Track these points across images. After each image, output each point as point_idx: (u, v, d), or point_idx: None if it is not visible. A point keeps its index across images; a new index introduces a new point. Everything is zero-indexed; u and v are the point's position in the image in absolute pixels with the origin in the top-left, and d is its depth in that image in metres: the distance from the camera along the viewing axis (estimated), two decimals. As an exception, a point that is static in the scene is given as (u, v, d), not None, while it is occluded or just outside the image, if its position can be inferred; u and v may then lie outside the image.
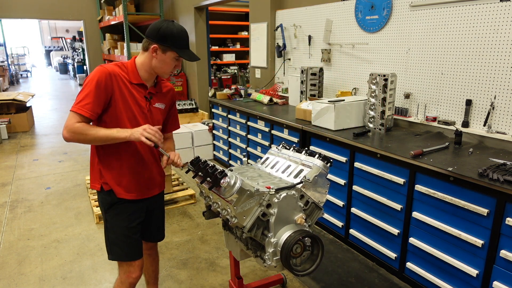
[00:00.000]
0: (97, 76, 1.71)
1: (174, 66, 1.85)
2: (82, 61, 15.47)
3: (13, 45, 21.35)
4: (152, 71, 1.85)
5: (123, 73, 1.80)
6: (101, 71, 1.73)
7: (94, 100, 1.70)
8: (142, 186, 1.94)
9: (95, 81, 1.70)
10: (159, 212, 2.16)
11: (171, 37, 1.76)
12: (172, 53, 1.79)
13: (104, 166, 1.87)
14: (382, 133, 3.04)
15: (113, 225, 1.92)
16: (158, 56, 1.79)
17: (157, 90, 1.95)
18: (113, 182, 1.86)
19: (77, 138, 1.70)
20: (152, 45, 1.78)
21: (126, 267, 1.96)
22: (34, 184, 4.74)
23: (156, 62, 1.81)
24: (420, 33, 3.01)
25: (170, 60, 1.81)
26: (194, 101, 6.54)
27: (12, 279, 2.83)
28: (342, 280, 2.76)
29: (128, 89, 1.80)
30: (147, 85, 1.88)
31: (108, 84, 1.73)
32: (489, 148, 2.54)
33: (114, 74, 1.76)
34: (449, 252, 2.32)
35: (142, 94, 1.86)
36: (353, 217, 3.05)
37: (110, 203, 1.89)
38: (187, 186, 4.37)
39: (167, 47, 1.77)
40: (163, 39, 1.76)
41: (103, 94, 1.72)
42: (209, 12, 6.85)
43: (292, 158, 2.03)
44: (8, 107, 7.59)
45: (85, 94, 1.70)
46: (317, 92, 3.94)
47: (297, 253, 1.70)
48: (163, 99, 1.98)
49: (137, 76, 1.83)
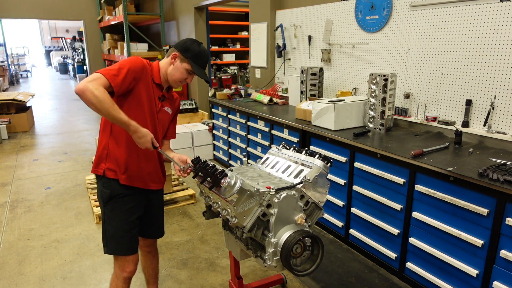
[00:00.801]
0: (132, 62, 1.82)
1: (185, 79, 1.98)
2: (82, 61, 15.47)
3: (13, 45, 21.35)
4: (167, 77, 1.98)
5: (149, 70, 1.93)
6: (137, 60, 1.85)
7: (123, 79, 1.76)
8: (146, 177, 1.99)
9: (130, 64, 1.80)
10: (158, 208, 2.19)
11: (193, 52, 1.94)
12: (187, 64, 1.94)
13: (115, 150, 1.90)
14: (382, 133, 3.04)
15: (111, 218, 1.93)
16: (175, 63, 1.95)
17: (169, 96, 2.08)
18: (120, 168, 1.89)
19: (91, 98, 1.62)
20: (174, 52, 1.95)
21: (121, 262, 1.98)
22: (34, 184, 4.74)
23: (172, 69, 1.96)
24: (420, 33, 3.01)
25: (184, 71, 1.95)
26: (194, 101, 6.54)
27: (12, 279, 2.83)
28: (342, 280, 2.76)
29: (151, 85, 1.92)
30: (163, 86, 2.01)
31: (138, 72, 1.83)
32: (489, 148, 2.55)
33: (146, 67, 1.88)
34: (449, 252, 2.32)
35: (157, 94, 1.98)
36: (353, 217, 3.05)
37: (109, 195, 1.91)
38: (187, 186, 4.37)
39: (186, 58, 1.93)
40: (185, 51, 1.94)
41: (130, 79, 1.79)
42: (209, 12, 6.86)
43: (292, 158, 2.03)
44: (8, 107, 7.59)
45: (118, 69, 1.76)
46: (317, 92, 3.94)
47: (297, 253, 1.70)
48: (172, 105, 2.11)
49: (158, 77, 1.97)
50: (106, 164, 1.90)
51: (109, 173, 1.90)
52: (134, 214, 1.97)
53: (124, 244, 1.96)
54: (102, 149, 1.92)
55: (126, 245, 1.96)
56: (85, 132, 7.33)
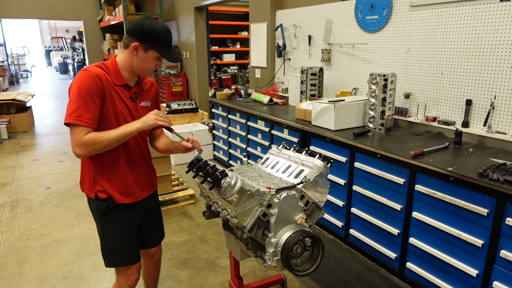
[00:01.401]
0: (86, 82, 1.61)
1: (155, 66, 1.77)
2: (82, 61, 15.45)
3: (13, 45, 21.35)
4: (132, 70, 1.76)
5: (105, 75, 1.69)
6: (87, 75, 1.62)
7: (89, 109, 1.60)
8: (137, 188, 1.90)
9: (85, 88, 1.60)
10: (156, 212, 2.11)
11: (154, 36, 1.67)
12: (154, 52, 1.70)
13: (100, 174, 1.79)
14: (382, 133, 3.04)
15: (110, 232, 1.86)
16: (139, 54, 1.70)
17: (141, 89, 1.86)
18: (112, 189, 1.80)
19: (92, 149, 1.61)
20: (133, 43, 1.68)
21: (124, 272, 1.91)
22: (34, 184, 4.74)
23: (137, 61, 1.72)
24: (420, 33, 3.01)
25: (151, 60, 1.73)
26: (194, 101, 6.54)
27: (12, 279, 2.83)
28: (342, 280, 2.76)
29: (115, 91, 1.72)
30: (130, 85, 1.80)
31: (98, 87, 1.63)
32: (489, 148, 2.55)
33: (98, 77, 1.64)
34: (449, 252, 2.32)
35: (127, 95, 1.78)
36: (353, 217, 3.05)
37: (106, 209, 1.83)
38: (187, 186, 4.37)
39: (149, 46, 1.68)
40: (145, 37, 1.67)
41: (96, 100, 1.63)
42: (209, 12, 6.85)
43: (293, 158, 2.03)
44: (8, 107, 7.59)
45: (78, 104, 1.59)
46: (317, 92, 3.94)
47: (298, 253, 1.70)
48: (148, 97, 1.90)
49: (120, 77, 1.74)
50: (96, 187, 1.80)
51: (102, 195, 1.81)
52: (133, 223, 1.90)
53: (126, 255, 1.89)
54: (88, 174, 1.81)
55: (129, 255, 1.90)
56: (85, 132, 7.32)
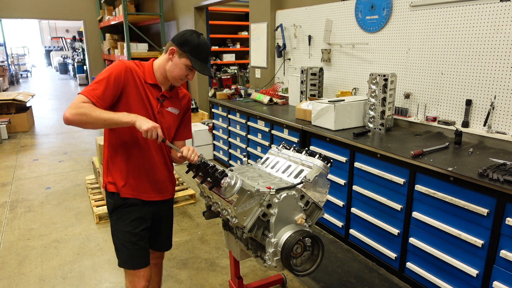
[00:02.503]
0: (113, 68, 1.72)
1: (186, 75, 1.83)
2: (82, 61, 15.47)
3: (13, 45, 21.35)
4: (166, 75, 1.84)
5: (139, 71, 1.80)
6: (119, 64, 1.75)
7: (104, 90, 1.68)
8: (150, 188, 1.89)
9: (109, 72, 1.71)
10: (168, 219, 2.09)
11: (192, 45, 1.78)
12: (186, 60, 1.79)
13: (112, 163, 1.84)
14: (382, 133, 3.04)
15: (116, 230, 1.86)
16: (173, 59, 1.80)
17: (172, 95, 1.92)
18: (119, 181, 1.82)
19: (79, 118, 1.60)
20: (171, 47, 1.80)
21: (130, 277, 1.87)
22: (34, 184, 4.74)
23: (170, 65, 1.81)
24: (420, 33, 3.01)
25: (183, 67, 1.80)
26: (194, 101, 6.54)
27: (12, 279, 2.83)
28: (342, 280, 2.76)
29: (143, 87, 1.80)
30: (161, 87, 1.87)
31: (121, 77, 1.72)
32: (489, 148, 2.55)
33: (130, 69, 1.76)
34: (449, 252, 2.32)
35: (154, 95, 1.84)
36: (353, 217, 3.05)
37: (113, 206, 1.85)
38: (187, 186, 4.37)
39: (184, 52, 1.78)
40: (183, 44, 1.78)
41: (113, 87, 1.70)
42: (209, 12, 6.85)
43: (292, 158, 2.03)
44: (8, 107, 7.59)
45: (97, 82, 1.69)
46: (317, 92, 3.94)
47: (298, 253, 1.70)
48: (177, 104, 1.95)
49: (152, 76, 1.83)
50: (108, 178, 1.86)
51: (110, 187, 1.85)
52: (140, 225, 1.87)
53: (132, 256, 1.85)
54: (104, 162, 1.88)
55: (134, 258, 1.86)
56: (85, 132, 7.33)
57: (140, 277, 1.87)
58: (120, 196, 1.83)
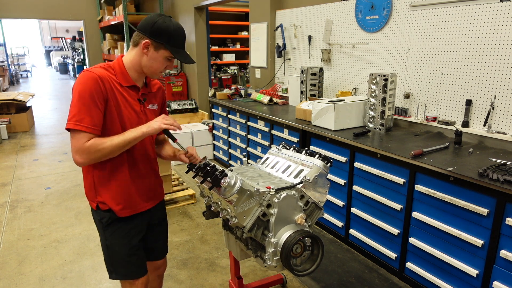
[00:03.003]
0: (86, 84, 1.51)
1: (165, 67, 1.68)
2: (82, 61, 15.47)
3: (13, 45, 21.34)
4: (141, 70, 1.67)
5: (111, 76, 1.60)
6: (90, 77, 1.53)
7: (91, 113, 1.51)
8: (140, 199, 1.80)
9: (85, 90, 1.50)
10: (162, 224, 2.02)
11: (167, 34, 1.58)
12: (165, 51, 1.61)
13: (101, 183, 1.69)
14: (382, 133, 3.04)
15: (113, 244, 1.77)
16: (149, 53, 1.61)
17: (149, 90, 1.77)
18: (112, 202, 1.71)
19: (94, 157, 1.52)
20: (144, 40, 1.59)
21: (128, 286, 1.83)
22: (34, 184, 4.74)
23: (146, 60, 1.63)
24: (420, 33, 3.01)
25: (162, 59, 1.63)
26: (194, 101, 6.54)
27: (12, 279, 2.83)
28: (342, 280, 2.76)
29: (120, 93, 1.62)
30: (138, 86, 1.70)
31: (99, 90, 1.53)
32: (489, 148, 2.54)
33: (103, 78, 1.55)
34: (449, 252, 2.32)
35: (135, 97, 1.68)
36: (353, 217, 3.05)
37: (108, 220, 1.74)
38: (187, 186, 4.37)
39: (161, 44, 1.59)
40: (157, 35, 1.57)
41: (98, 104, 1.52)
42: (209, 12, 6.85)
43: (292, 158, 2.03)
44: (8, 107, 7.59)
45: (79, 108, 1.50)
46: (317, 92, 3.94)
47: (297, 253, 1.70)
48: (155, 99, 1.82)
49: (127, 77, 1.65)
50: (97, 198, 1.71)
51: (103, 207, 1.72)
52: (137, 235, 1.81)
53: (132, 267, 1.80)
54: (89, 182, 1.72)
55: (135, 268, 1.81)
56: (85, 132, 7.32)
57: (139, 285, 1.84)
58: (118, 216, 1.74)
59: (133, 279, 1.82)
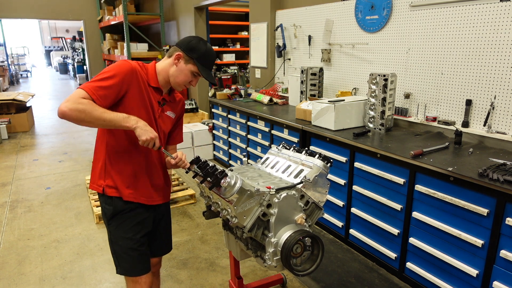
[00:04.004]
0: (119, 68, 1.66)
1: (190, 82, 1.83)
2: (82, 61, 15.47)
3: (13, 45, 21.35)
4: (168, 79, 1.82)
5: (143, 73, 1.77)
6: (124, 64, 1.70)
7: (108, 89, 1.62)
8: (150, 191, 1.86)
9: (115, 71, 1.65)
10: (166, 222, 2.07)
11: (198, 52, 1.77)
12: (193, 66, 1.78)
13: (113, 165, 1.77)
14: (382, 133, 3.04)
15: (116, 237, 1.81)
16: (179, 64, 1.79)
17: (171, 99, 1.92)
18: (122, 184, 1.77)
19: (77, 115, 1.52)
20: (177, 52, 1.78)
21: (132, 284, 1.85)
22: (34, 184, 4.74)
23: (174, 71, 1.79)
24: (420, 33, 3.01)
25: (189, 73, 1.80)
26: (194, 101, 6.54)
27: (12, 279, 2.83)
28: (342, 280, 2.76)
29: (146, 89, 1.76)
30: (163, 90, 1.85)
31: (126, 78, 1.67)
32: (489, 148, 2.55)
33: (136, 71, 1.72)
34: (449, 252, 2.32)
35: (156, 98, 1.82)
36: (353, 217, 3.05)
37: (113, 212, 1.79)
38: (187, 186, 4.37)
39: (191, 58, 1.77)
40: (190, 50, 1.77)
41: (117, 87, 1.65)
42: (209, 12, 6.85)
43: (292, 158, 2.03)
44: (8, 107, 7.59)
45: (101, 80, 1.62)
46: (317, 92, 3.94)
47: (297, 253, 1.70)
48: (174, 108, 1.95)
49: (155, 79, 1.80)
50: (106, 181, 1.77)
51: (109, 191, 1.78)
52: (141, 230, 1.84)
53: (134, 263, 1.82)
54: (100, 165, 1.79)
55: (137, 265, 1.83)
56: (85, 132, 7.33)
57: (142, 283, 1.85)
58: (123, 199, 1.78)
59: (136, 275, 1.84)
